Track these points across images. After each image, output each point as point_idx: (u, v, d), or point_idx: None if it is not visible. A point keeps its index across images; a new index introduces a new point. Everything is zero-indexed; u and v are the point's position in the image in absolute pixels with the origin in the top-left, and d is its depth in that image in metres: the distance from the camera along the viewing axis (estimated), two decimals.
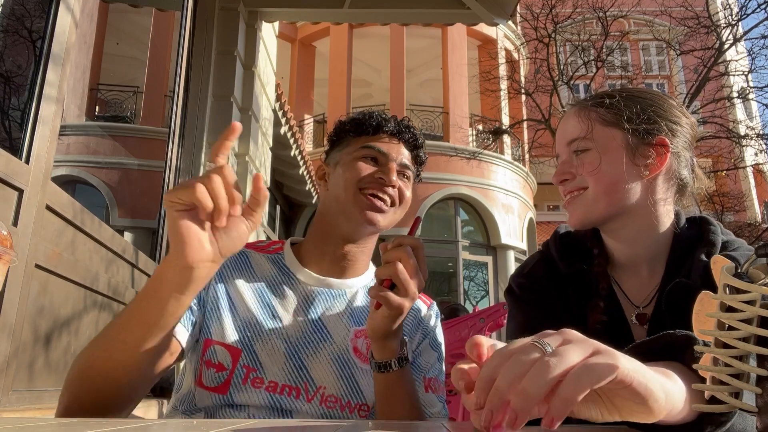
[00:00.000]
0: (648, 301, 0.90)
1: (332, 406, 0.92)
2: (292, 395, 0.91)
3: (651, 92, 0.94)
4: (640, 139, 0.88)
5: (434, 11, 4.18)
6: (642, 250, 0.91)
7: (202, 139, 3.53)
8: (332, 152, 1.06)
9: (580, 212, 0.90)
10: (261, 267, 1.00)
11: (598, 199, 0.88)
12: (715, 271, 0.50)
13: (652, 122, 0.89)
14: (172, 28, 6.58)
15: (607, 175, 0.87)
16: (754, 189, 15.69)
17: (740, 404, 0.47)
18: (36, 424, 0.59)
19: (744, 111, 12.37)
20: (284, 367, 0.92)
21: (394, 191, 0.98)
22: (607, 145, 0.88)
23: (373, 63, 13.04)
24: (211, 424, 0.62)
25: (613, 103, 0.90)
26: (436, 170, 10.52)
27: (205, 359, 0.91)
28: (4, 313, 1.70)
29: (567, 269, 0.95)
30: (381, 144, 1.00)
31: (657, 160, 0.88)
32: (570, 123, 0.93)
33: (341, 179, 0.98)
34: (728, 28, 7.41)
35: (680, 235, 0.91)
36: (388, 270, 0.79)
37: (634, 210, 0.89)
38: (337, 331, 0.96)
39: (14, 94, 2.14)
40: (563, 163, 0.93)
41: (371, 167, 0.98)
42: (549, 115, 8.43)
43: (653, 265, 0.91)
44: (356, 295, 1.02)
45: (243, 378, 0.90)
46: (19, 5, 2.23)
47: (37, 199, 1.89)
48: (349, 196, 0.96)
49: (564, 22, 8.98)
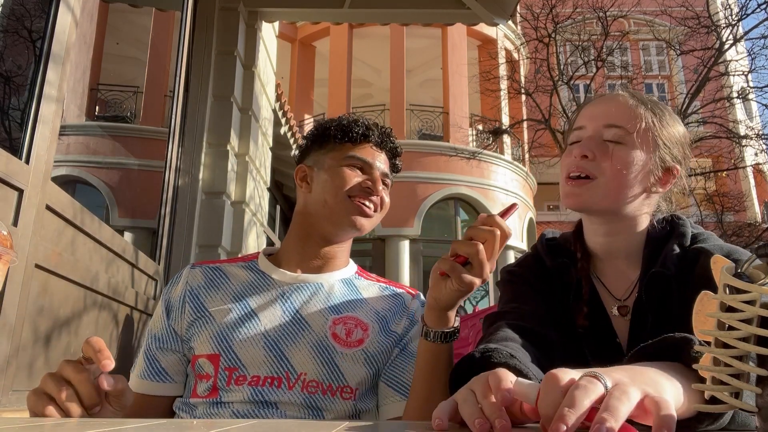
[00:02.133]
0: (628, 293, 0.94)
1: (314, 391, 0.94)
2: (273, 385, 0.94)
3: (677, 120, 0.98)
4: (661, 158, 0.93)
5: (434, 11, 4.18)
6: (620, 245, 0.96)
7: (202, 139, 3.53)
8: (312, 153, 1.09)
9: (586, 197, 0.91)
10: (236, 275, 1.05)
11: (608, 195, 0.90)
12: (715, 271, 0.50)
13: (674, 149, 0.94)
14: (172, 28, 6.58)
15: (627, 177, 0.90)
16: (754, 189, 15.69)
17: (740, 404, 0.47)
18: (36, 424, 0.59)
19: (744, 111, 12.37)
20: (265, 360, 0.95)
21: (377, 199, 1.04)
22: (644, 149, 0.91)
23: (373, 63, 13.04)
24: (211, 424, 0.62)
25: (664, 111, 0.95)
26: (436, 170, 10.53)
27: (196, 374, 0.98)
28: (4, 313, 1.70)
29: (552, 264, 0.99)
30: (366, 154, 1.05)
31: (663, 184, 0.94)
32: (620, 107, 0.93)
33: (329, 185, 1.02)
34: (728, 28, 7.41)
35: (653, 232, 0.96)
36: (468, 248, 0.78)
37: (628, 214, 0.94)
38: (314, 321, 0.99)
39: (14, 94, 2.14)
40: (593, 139, 0.92)
41: (358, 176, 1.03)
42: (549, 115, 8.43)
43: (630, 259, 0.96)
44: (333, 287, 1.05)
45: (227, 380, 0.94)
46: (19, 5, 2.23)
47: (37, 199, 1.89)
48: (338, 202, 1.01)
49: (564, 22, 8.97)
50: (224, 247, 3.48)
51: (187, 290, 1.04)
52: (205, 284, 1.04)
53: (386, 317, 1.04)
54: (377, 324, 1.02)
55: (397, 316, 1.05)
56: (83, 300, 2.29)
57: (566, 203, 0.95)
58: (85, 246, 2.31)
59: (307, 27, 12.33)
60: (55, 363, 2.08)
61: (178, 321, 1.02)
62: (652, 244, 0.95)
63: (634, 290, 0.94)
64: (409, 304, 1.08)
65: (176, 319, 1.02)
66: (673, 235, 0.94)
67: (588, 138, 0.92)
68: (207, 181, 3.51)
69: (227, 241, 3.54)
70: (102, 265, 2.47)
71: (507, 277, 1.03)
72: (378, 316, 1.04)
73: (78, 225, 2.22)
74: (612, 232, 0.95)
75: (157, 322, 1.05)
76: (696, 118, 7.89)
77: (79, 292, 2.25)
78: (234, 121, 3.71)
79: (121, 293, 2.60)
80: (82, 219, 2.24)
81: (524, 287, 0.98)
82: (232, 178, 3.67)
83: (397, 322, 1.05)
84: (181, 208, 3.39)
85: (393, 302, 1.07)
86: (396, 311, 1.06)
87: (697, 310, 0.51)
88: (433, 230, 10.96)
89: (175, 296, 1.04)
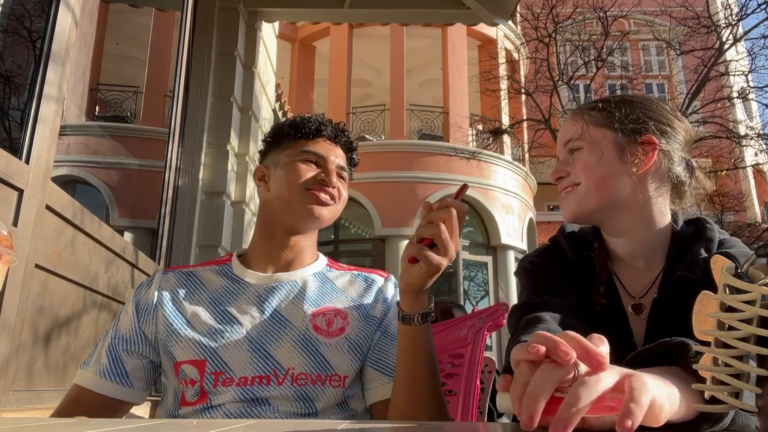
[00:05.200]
0: (644, 292, 0.95)
1: (303, 383, 0.96)
2: (263, 383, 0.95)
3: (642, 96, 1.01)
4: (628, 138, 0.94)
5: (434, 11, 4.18)
6: (638, 245, 0.96)
7: (202, 139, 3.53)
8: (270, 154, 1.12)
9: (573, 205, 0.96)
10: (210, 281, 1.06)
11: (590, 194, 0.94)
12: (715, 271, 0.50)
13: (641, 122, 0.95)
14: (172, 28, 6.57)
15: (597, 170, 0.94)
16: (754, 189, 15.68)
17: (740, 404, 0.47)
18: (36, 424, 0.59)
19: (744, 111, 12.37)
20: (251, 361, 0.96)
21: (334, 191, 1.06)
22: (598, 143, 0.95)
23: (373, 63, 13.03)
24: (210, 424, 0.62)
25: (604, 106, 0.97)
26: (436, 170, 10.52)
27: (180, 380, 0.97)
28: (4, 313, 1.70)
29: (574, 255, 1.01)
30: (320, 148, 1.07)
31: (645, 158, 0.94)
32: (566, 127, 1.01)
33: (284, 180, 1.05)
34: (728, 28, 7.41)
35: (679, 233, 0.97)
36: (431, 230, 0.82)
37: (626, 205, 0.94)
38: (294, 317, 1.01)
39: (14, 94, 2.14)
40: (560, 163, 1.01)
41: (313, 169, 1.05)
42: (549, 115, 8.42)
43: (650, 258, 0.96)
44: (307, 282, 1.07)
45: (213, 382, 0.95)
46: (19, 5, 2.23)
47: (37, 199, 1.89)
48: (294, 195, 1.03)
49: (564, 22, 8.97)
50: (224, 247, 3.48)
51: (160, 295, 1.03)
52: (179, 290, 1.04)
53: (362, 303, 1.06)
54: (356, 311, 1.05)
55: (373, 301, 1.08)
56: (83, 300, 2.29)
57: (564, 218, 1.00)
58: (85, 246, 2.31)
59: (307, 27, 12.32)
60: (55, 363, 2.09)
61: (149, 325, 1.01)
62: (677, 245, 0.95)
63: (651, 289, 0.94)
64: (382, 287, 1.10)
65: (147, 323, 1.01)
66: (700, 239, 0.94)
67: (558, 162, 1.01)
68: (207, 181, 3.51)
69: (227, 241, 3.54)
70: (102, 265, 2.47)
71: (529, 267, 1.04)
72: (354, 303, 1.06)
73: (78, 225, 2.22)
74: (623, 231, 0.96)
75: (125, 323, 1.03)
76: (696, 118, 7.89)
77: (78, 292, 2.25)
78: (234, 121, 3.71)
79: (120, 293, 2.60)
80: (82, 219, 2.24)
81: (547, 277, 0.99)
82: (232, 178, 3.67)
83: (374, 306, 1.07)
84: (181, 208, 3.39)
85: (367, 288, 1.09)
86: (371, 296, 1.08)
87: (697, 310, 0.51)
88: None
89: (146, 300, 1.03)
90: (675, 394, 0.51)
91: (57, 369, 2.10)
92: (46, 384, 2.04)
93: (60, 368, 2.12)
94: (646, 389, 0.47)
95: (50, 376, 2.06)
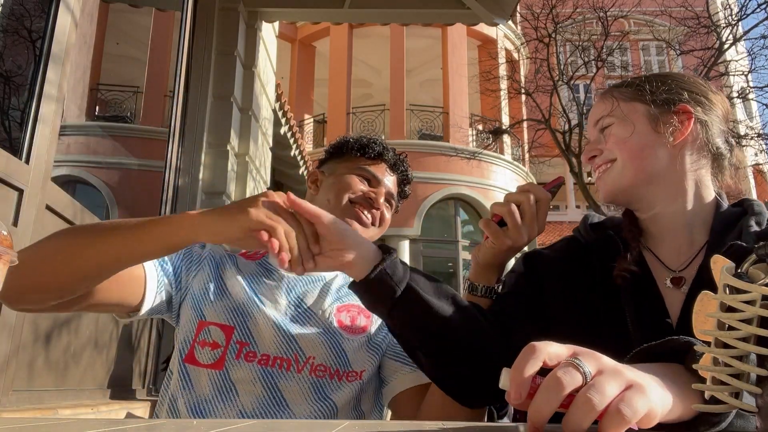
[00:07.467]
0: (686, 264, 0.90)
1: (321, 375, 0.98)
2: (283, 367, 0.97)
3: (674, 72, 0.99)
4: (661, 108, 0.91)
5: (434, 11, 4.18)
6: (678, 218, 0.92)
7: (202, 139, 3.53)
8: (329, 162, 1.15)
9: (610, 182, 0.93)
10: (246, 267, 1.09)
11: (626, 167, 0.91)
12: (715, 271, 0.50)
13: (673, 92, 0.92)
14: (172, 28, 6.57)
15: (631, 143, 0.91)
16: (754, 189, 15.68)
17: (740, 404, 0.47)
18: (36, 424, 0.59)
19: (744, 111, 12.37)
20: (275, 339, 0.98)
21: (378, 213, 1.08)
22: (630, 116, 0.92)
23: (373, 63, 13.04)
24: (210, 425, 0.62)
25: (633, 81, 0.96)
26: (436, 170, 10.52)
27: (199, 339, 0.98)
28: (4, 313, 1.70)
29: (590, 238, 0.98)
30: (377, 170, 1.11)
31: (681, 127, 0.90)
32: (596, 106, 0.98)
33: (334, 187, 1.08)
34: (728, 28, 7.41)
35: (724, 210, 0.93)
36: (502, 207, 0.86)
37: (663, 177, 0.90)
38: (320, 309, 1.04)
39: (14, 94, 2.14)
40: (591, 142, 0.98)
41: (364, 186, 1.08)
42: (549, 115, 8.43)
43: (692, 232, 0.92)
44: (335, 278, 1.10)
45: (236, 353, 0.96)
46: (19, 5, 2.23)
47: (37, 199, 1.89)
48: (338, 203, 1.05)
49: (564, 22, 8.98)
50: (224, 247, 3.47)
51: (209, 255, 1.07)
52: (224, 260, 1.07)
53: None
54: None
55: None
56: None
57: (601, 198, 0.96)
58: None
59: (307, 27, 12.33)
60: (55, 363, 2.09)
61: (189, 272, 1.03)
62: (722, 217, 0.91)
63: (695, 260, 0.89)
64: None
65: (189, 269, 1.04)
66: (748, 213, 0.90)
67: (590, 142, 0.99)
68: (207, 181, 3.52)
69: None
70: None
71: (518, 260, 1.02)
72: None
73: None
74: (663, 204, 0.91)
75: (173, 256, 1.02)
76: None
77: None
78: (234, 121, 3.71)
79: None
80: (82, 219, 2.24)
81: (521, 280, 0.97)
82: (232, 178, 3.67)
83: None
84: (181, 208, 3.39)
85: None
86: None
87: (697, 310, 0.51)
88: (433, 230, 10.96)
89: (196, 252, 1.07)
90: (668, 398, 0.50)
91: (57, 369, 2.10)
92: (47, 384, 2.04)
93: (60, 368, 2.12)
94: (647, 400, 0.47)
95: (50, 376, 2.06)
